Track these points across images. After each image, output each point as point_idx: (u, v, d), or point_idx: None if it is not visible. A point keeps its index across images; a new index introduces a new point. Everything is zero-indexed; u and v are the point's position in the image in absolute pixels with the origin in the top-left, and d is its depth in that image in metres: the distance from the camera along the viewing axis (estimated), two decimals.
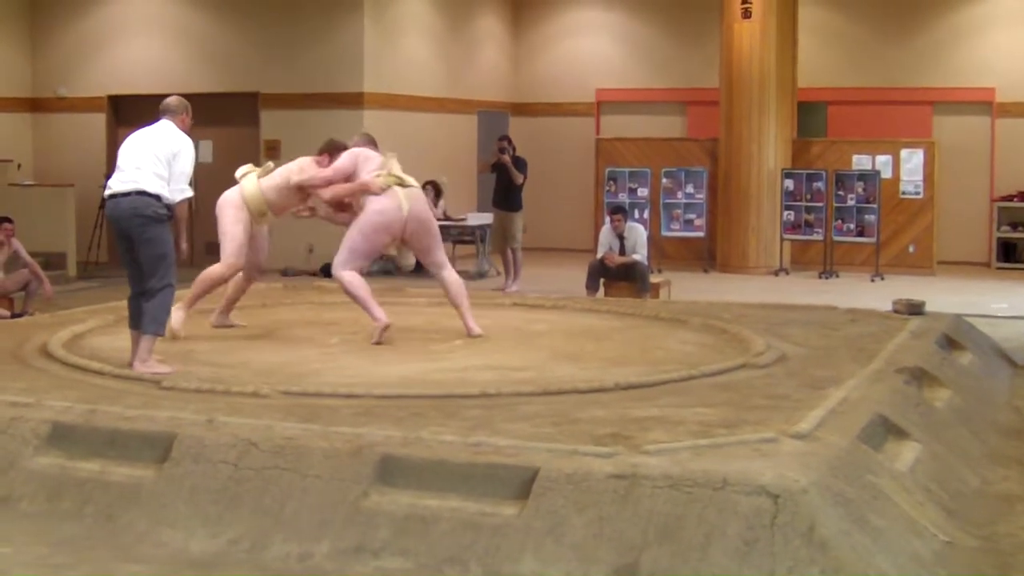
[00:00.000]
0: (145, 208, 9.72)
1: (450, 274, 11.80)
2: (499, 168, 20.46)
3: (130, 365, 9.75)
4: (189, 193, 9.93)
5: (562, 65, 27.69)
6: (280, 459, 7.19)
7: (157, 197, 9.76)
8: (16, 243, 17.09)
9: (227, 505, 7.10)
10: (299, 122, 22.56)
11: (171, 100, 10.38)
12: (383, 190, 11.50)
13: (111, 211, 9.92)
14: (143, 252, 9.76)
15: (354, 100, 22.63)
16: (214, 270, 11.66)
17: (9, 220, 17.25)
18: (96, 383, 9.14)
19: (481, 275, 22.18)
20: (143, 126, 10.26)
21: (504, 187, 20.47)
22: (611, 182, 24.39)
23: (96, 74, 24.78)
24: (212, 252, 21.44)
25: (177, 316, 11.11)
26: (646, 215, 23.34)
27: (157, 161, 9.83)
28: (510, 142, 20.83)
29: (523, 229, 20.64)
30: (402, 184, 11.60)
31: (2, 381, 9.11)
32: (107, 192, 9.99)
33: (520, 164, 20.45)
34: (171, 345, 10.74)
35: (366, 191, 11.53)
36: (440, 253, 11.90)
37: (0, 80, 24.57)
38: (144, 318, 9.74)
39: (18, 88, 25.03)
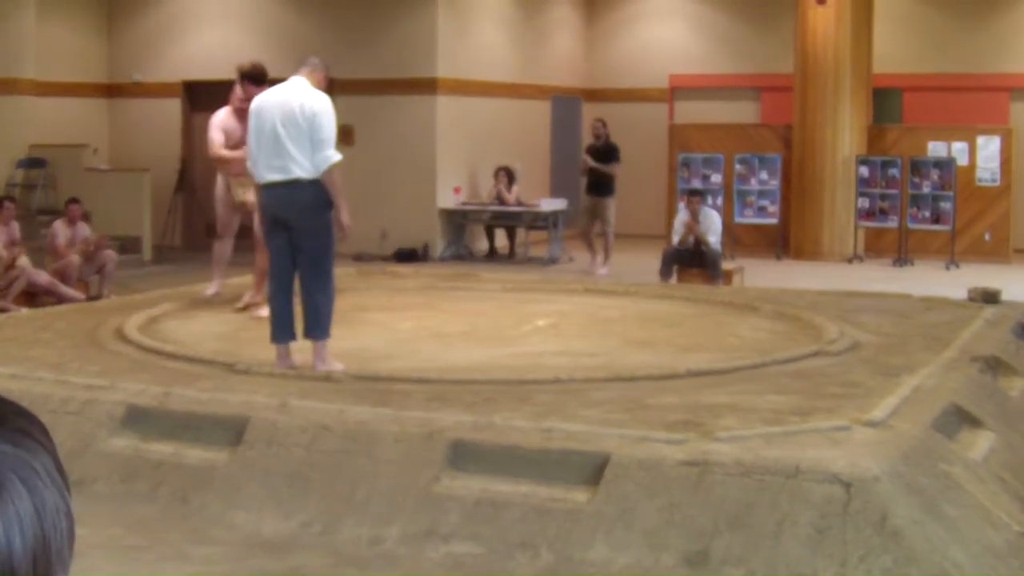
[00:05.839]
0: (308, 197, 9.14)
1: None
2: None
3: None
4: (336, 157, 9.21)
5: (635, 51, 27.62)
6: (352, 443, 7.23)
7: (314, 182, 9.18)
8: (82, 224, 17.15)
9: (299, 488, 7.15)
10: (372, 108, 22.62)
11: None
12: None
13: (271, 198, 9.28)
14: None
15: (427, 86, 22.66)
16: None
17: (76, 201, 17.35)
18: (171, 366, 9.19)
19: (553, 261, 22.19)
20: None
21: (597, 175, 20.98)
22: (684, 168, 24.25)
23: (171, 60, 24.93)
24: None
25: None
26: (719, 201, 23.18)
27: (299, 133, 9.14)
28: (604, 124, 21.62)
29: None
30: None
31: (78, 364, 9.20)
32: (263, 181, 9.28)
33: (612, 150, 21.13)
34: (245, 331, 10.81)
35: None
36: None
37: (77, 66, 24.79)
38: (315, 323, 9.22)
39: (95, 74, 25.26)
